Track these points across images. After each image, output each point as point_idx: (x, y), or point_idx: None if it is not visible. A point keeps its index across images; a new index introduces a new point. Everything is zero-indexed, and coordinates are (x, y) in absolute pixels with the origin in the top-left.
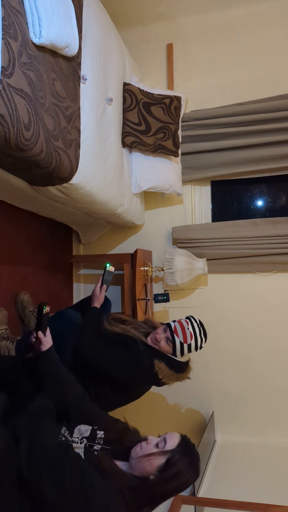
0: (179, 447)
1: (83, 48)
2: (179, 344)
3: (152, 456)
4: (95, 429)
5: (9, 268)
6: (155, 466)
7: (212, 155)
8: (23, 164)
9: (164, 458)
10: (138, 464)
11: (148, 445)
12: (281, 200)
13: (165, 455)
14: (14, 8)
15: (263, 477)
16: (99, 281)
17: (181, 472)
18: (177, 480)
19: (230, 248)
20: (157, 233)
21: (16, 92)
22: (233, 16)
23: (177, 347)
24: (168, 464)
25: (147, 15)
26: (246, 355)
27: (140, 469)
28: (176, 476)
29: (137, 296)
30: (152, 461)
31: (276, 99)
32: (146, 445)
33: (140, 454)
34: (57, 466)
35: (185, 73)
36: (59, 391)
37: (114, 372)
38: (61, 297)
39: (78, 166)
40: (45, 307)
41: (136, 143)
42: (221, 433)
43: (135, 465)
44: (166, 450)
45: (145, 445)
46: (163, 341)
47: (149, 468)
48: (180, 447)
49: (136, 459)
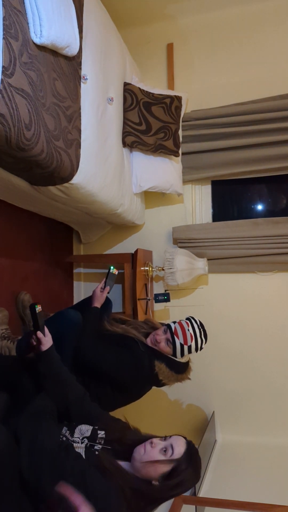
0: (185, 455)
1: (84, 48)
2: (179, 345)
3: (157, 463)
4: (96, 429)
5: (10, 268)
6: (159, 472)
7: (212, 155)
8: (24, 164)
9: (169, 467)
10: (142, 468)
11: (153, 449)
12: (281, 200)
13: (170, 464)
14: (15, 8)
15: (264, 476)
16: (102, 282)
17: (185, 481)
18: (180, 488)
19: (230, 248)
20: (158, 233)
21: (17, 92)
22: (233, 16)
23: (177, 349)
24: (173, 473)
25: (148, 15)
26: (247, 355)
27: (144, 473)
28: (180, 485)
29: (137, 295)
30: (157, 467)
31: (276, 99)
32: (151, 449)
33: (145, 458)
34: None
35: (186, 73)
36: (59, 391)
37: (114, 373)
38: (61, 297)
39: (79, 166)
40: (36, 306)
41: (136, 143)
42: (221, 433)
43: (139, 468)
44: (172, 459)
45: (150, 449)
46: (163, 342)
47: (153, 473)
48: (185, 455)
49: (141, 463)
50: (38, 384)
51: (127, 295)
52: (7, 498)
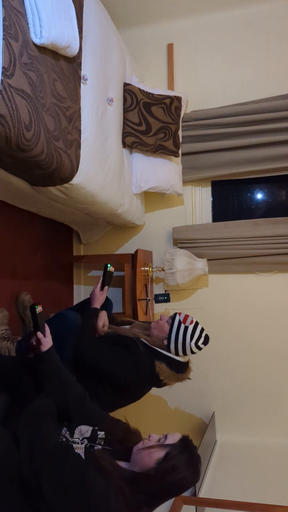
0: (179, 443)
1: (84, 49)
2: (177, 322)
3: (152, 449)
4: (96, 430)
5: (10, 269)
6: (154, 459)
7: (212, 155)
8: (24, 164)
9: (163, 452)
10: (138, 456)
11: (150, 442)
12: (282, 200)
13: (164, 449)
14: (15, 8)
15: (264, 477)
16: (99, 281)
17: (179, 467)
18: (174, 474)
19: (230, 248)
20: (158, 234)
21: (17, 92)
22: (233, 16)
23: (175, 326)
24: (166, 457)
25: (148, 15)
26: (247, 355)
27: (140, 461)
28: (174, 469)
29: (137, 296)
30: (152, 453)
31: (276, 99)
32: (148, 442)
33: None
34: (58, 467)
35: (186, 73)
36: (59, 392)
37: (114, 373)
38: (61, 297)
39: (79, 167)
40: (36, 307)
41: (136, 143)
42: (222, 434)
43: (135, 458)
44: (166, 444)
45: (147, 442)
46: (164, 319)
47: (148, 460)
48: (180, 443)
49: (137, 451)
50: (38, 385)
51: (127, 296)
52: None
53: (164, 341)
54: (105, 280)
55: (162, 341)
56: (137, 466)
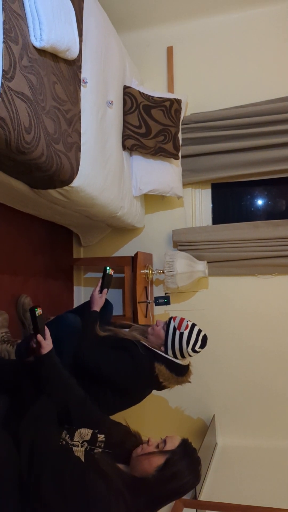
0: (179, 448)
1: (84, 51)
2: (172, 328)
3: (151, 455)
4: (96, 433)
5: (10, 271)
6: (154, 465)
7: (212, 157)
8: (24, 167)
9: (163, 458)
10: (138, 463)
11: (149, 447)
12: (281, 202)
13: (164, 455)
14: (15, 11)
15: (265, 480)
16: (98, 284)
17: (180, 472)
18: (176, 481)
19: (230, 251)
20: (158, 236)
21: (17, 95)
22: (233, 19)
23: (170, 331)
24: (167, 464)
25: (147, 18)
26: (247, 358)
27: (139, 468)
28: (175, 476)
29: (137, 299)
30: (151, 460)
31: (276, 102)
32: (147, 447)
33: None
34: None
35: (185, 76)
36: (60, 394)
37: (114, 376)
38: (61, 300)
39: (79, 169)
40: (36, 310)
41: (136, 146)
42: (222, 436)
43: (135, 464)
44: (166, 450)
45: (146, 446)
46: (160, 325)
47: (148, 467)
48: (180, 448)
49: (136, 457)
50: (38, 388)
51: (127, 298)
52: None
53: (161, 348)
54: (104, 283)
55: (160, 347)
56: (136, 472)
